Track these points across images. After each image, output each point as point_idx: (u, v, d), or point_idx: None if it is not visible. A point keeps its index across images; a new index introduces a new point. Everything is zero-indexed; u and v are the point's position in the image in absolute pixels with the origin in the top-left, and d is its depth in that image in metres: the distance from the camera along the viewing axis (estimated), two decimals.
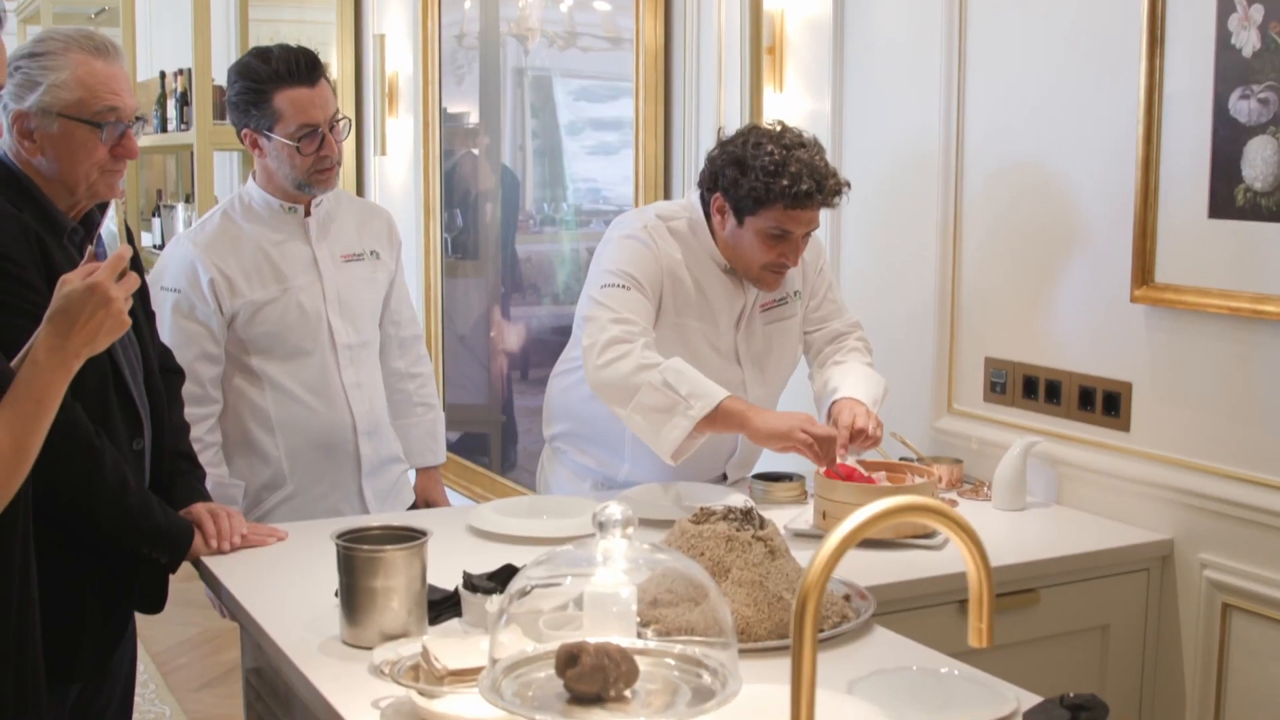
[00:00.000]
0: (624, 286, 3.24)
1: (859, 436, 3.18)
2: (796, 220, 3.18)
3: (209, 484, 3.19)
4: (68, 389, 2.14)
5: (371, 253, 3.65)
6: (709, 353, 3.33)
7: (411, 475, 3.89)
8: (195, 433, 3.32)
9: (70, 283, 2.05)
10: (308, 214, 3.52)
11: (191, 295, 3.40)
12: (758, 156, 3.15)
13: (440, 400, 4.04)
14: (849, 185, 3.23)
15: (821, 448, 3.09)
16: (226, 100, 3.49)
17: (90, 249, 2.21)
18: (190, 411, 3.29)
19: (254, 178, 3.52)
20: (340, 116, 3.45)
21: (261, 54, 3.40)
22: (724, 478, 3.52)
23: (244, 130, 3.43)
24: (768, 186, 3.13)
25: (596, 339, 3.19)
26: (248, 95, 3.38)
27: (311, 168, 3.41)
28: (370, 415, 3.62)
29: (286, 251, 3.49)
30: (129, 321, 2.14)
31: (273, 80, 3.34)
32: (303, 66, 3.36)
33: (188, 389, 3.28)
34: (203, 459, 3.27)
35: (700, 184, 3.33)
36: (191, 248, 3.44)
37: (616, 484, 3.49)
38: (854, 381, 3.37)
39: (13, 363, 2.06)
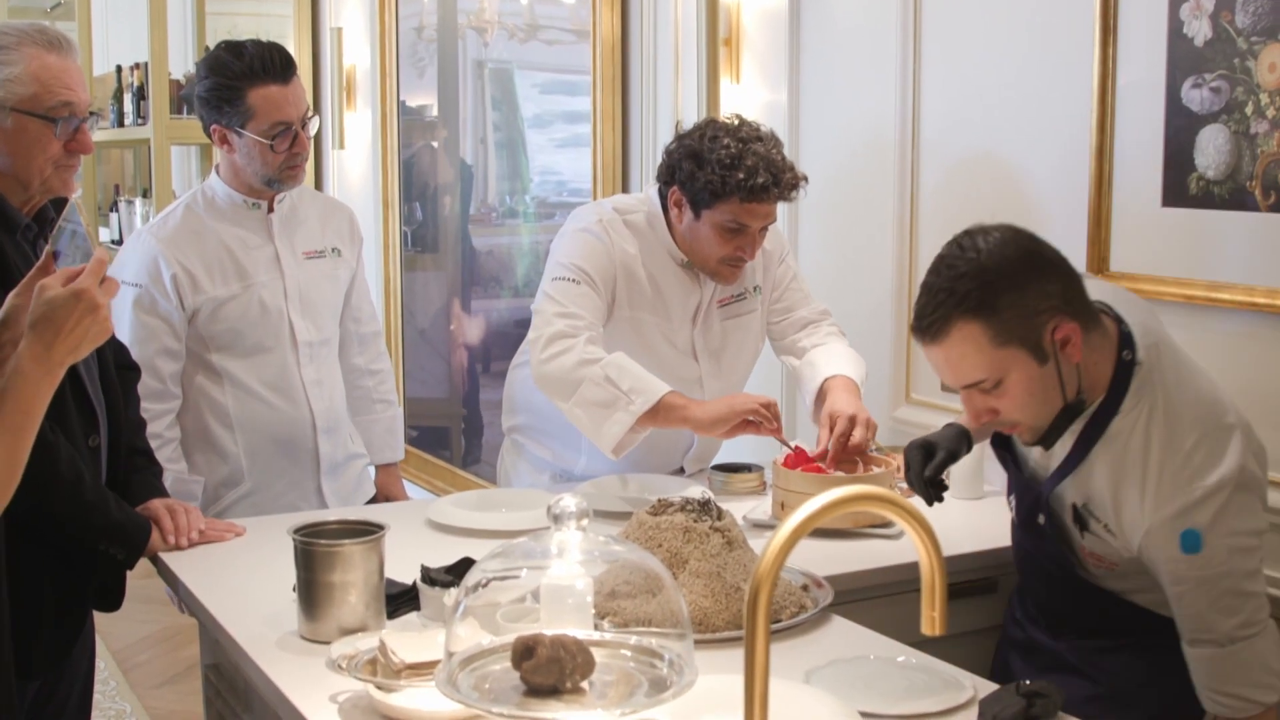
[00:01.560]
0: (574, 280, 3.23)
1: (853, 451, 3.15)
2: (752, 214, 3.17)
3: (168, 480, 3.18)
4: None
5: (333, 249, 3.63)
6: (665, 347, 3.33)
7: (371, 470, 3.89)
8: (154, 428, 3.32)
9: (51, 289, 2.00)
10: (270, 210, 3.50)
11: (153, 290, 3.38)
12: (714, 149, 3.14)
13: (400, 395, 4.04)
14: (806, 179, 3.23)
15: (767, 414, 3.10)
16: (195, 95, 3.44)
17: (48, 249, 2.18)
18: (150, 407, 3.29)
19: (217, 172, 3.50)
20: (311, 114, 3.43)
21: (234, 49, 3.35)
22: (681, 471, 3.53)
23: (213, 126, 3.39)
24: (724, 180, 3.12)
25: (542, 333, 3.19)
26: (220, 91, 3.34)
27: (283, 164, 3.39)
28: (330, 413, 3.61)
29: (249, 248, 3.47)
30: (112, 328, 2.10)
31: (246, 77, 3.31)
32: (277, 64, 3.33)
33: (147, 384, 3.28)
34: (162, 455, 3.27)
35: (658, 178, 3.32)
36: (154, 242, 3.41)
37: (574, 476, 3.49)
38: (840, 362, 3.34)
39: None
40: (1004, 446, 2.66)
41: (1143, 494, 2.36)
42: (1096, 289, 2.49)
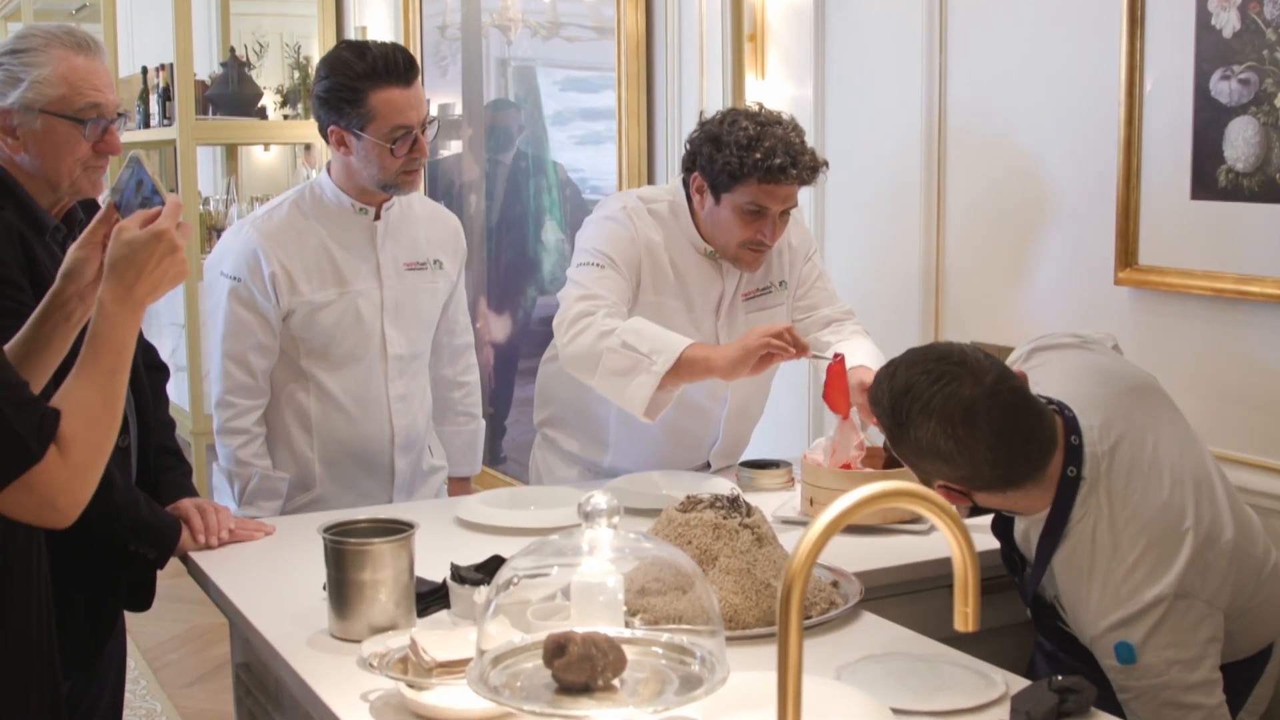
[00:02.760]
0: (598, 265, 3.23)
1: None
2: (772, 195, 3.17)
3: (254, 478, 3.22)
4: (51, 383, 2.15)
5: (435, 261, 3.53)
6: (688, 334, 3.31)
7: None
8: (243, 423, 3.33)
9: (129, 230, 2.06)
10: (377, 217, 3.41)
11: (252, 284, 3.31)
12: (732, 132, 3.15)
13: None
14: (827, 164, 3.23)
15: (789, 338, 3.07)
16: (314, 94, 3.33)
17: (110, 200, 2.22)
18: (238, 401, 3.31)
19: (328, 171, 3.41)
20: (431, 118, 3.34)
21: (357, 49, 3.25)
22: (708, 466, 3.52)
23: (331, 127, 3.28)
24: (742, 161, 3.13)
25: (564, 317, 3.20)
26: (341, 92, 3.23)
27: (401, 168, 3.28)
28: (410, 429, 3.53)
29: (350, 254, 3.39)
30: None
31: (369, 78, 3.20)
32: (400, 65, 3.23)
33: (238, 378, 3.30)
34: (248, 450, 3.30)
35: (682, 166, 3.33)
36: (256, 236, 3.33)
37: (603, 470, 3.50)
38: (864, 355, 3.30)
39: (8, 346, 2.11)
40: (1003, 532, 2.64)
41: (1087, 604, 2.37)
42: (1084, 365, 2.51)
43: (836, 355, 3.15)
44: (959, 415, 2.30)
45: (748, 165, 3.12)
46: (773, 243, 3.27)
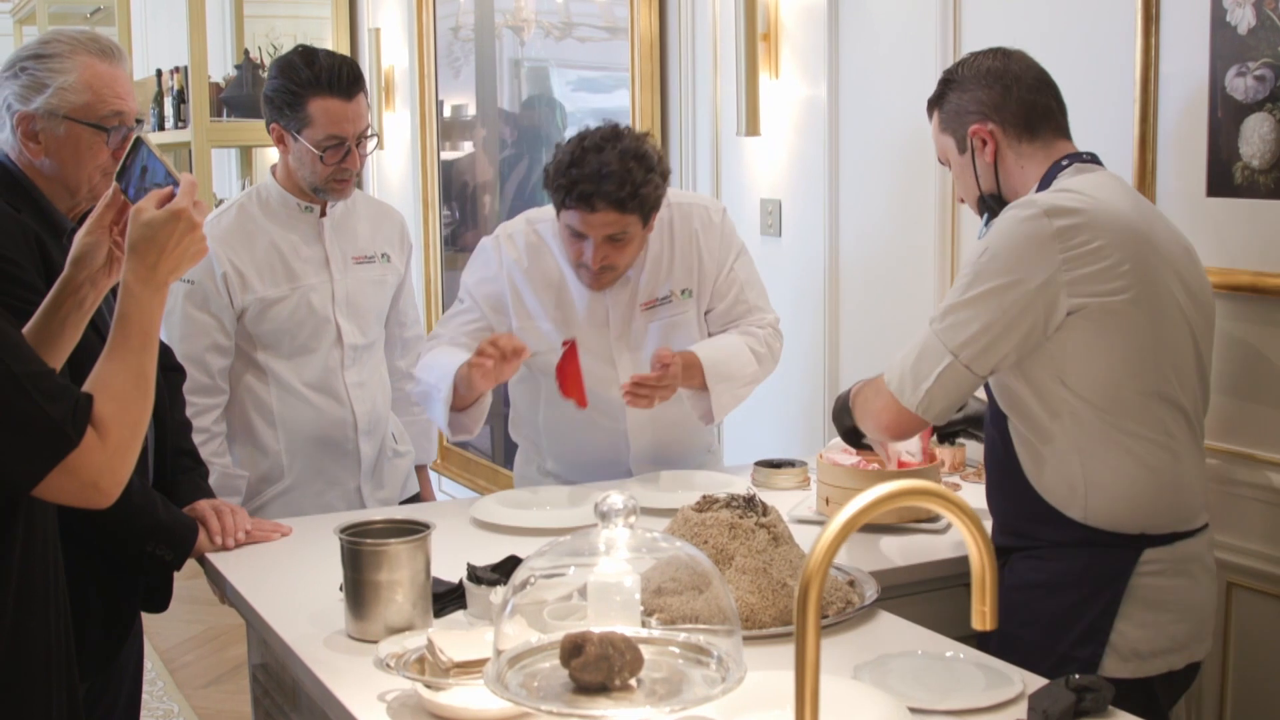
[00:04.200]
0: (460, 300, 3.41)
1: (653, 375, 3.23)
2: (585, 222, 3.16)
3: (213, 475, 3.23)
4: (68, 379, 2.16)
5: (383, 255, 3.69)
6: (581, 353, 3.35)
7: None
8: (202, 422, 3.37)
9: (147, 211, 2.09)
10: (323, 214, 3.55)
11: (205, 286, 3.43)
12: (557, 154, 3.17)
13: None
14: (659, 194, 3.20)
15: (491, 351, 3.11)
16: (262, 92, 3.52)
17: (116, 185, 2.23)
18: (196, 401, 3.35)
19: (274, 173, 3.55)
20: (370, 133, 3.47)
21: (307, 56, 3.40)
22: (629, 472, 3.51)
23: (273, 124, 3.44)
24: (556, 184, 3.15)
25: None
26: (284, 94, 3.39)
27: (330, 176, 3.43)
28: (371, 414, 3.65)
29: (300, 250, 3.52)
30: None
31: (311, 86, 3.35)
32: (343, 79, 3.37)
33: (196, 379, 3.34)
34: (208, 449, 3.33)
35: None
36: (207, 240, 3.43)
37: (550, 475, 3.57)
38: (708, 344, 3.40)
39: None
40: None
41: None
42: (1094, 184, 2.58)
43: (566, 341, 3.22)
44: (991, 54, 2.72)
45: (560, 189, 3.14)
46: (595, 266, 3.23)
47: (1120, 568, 2.50)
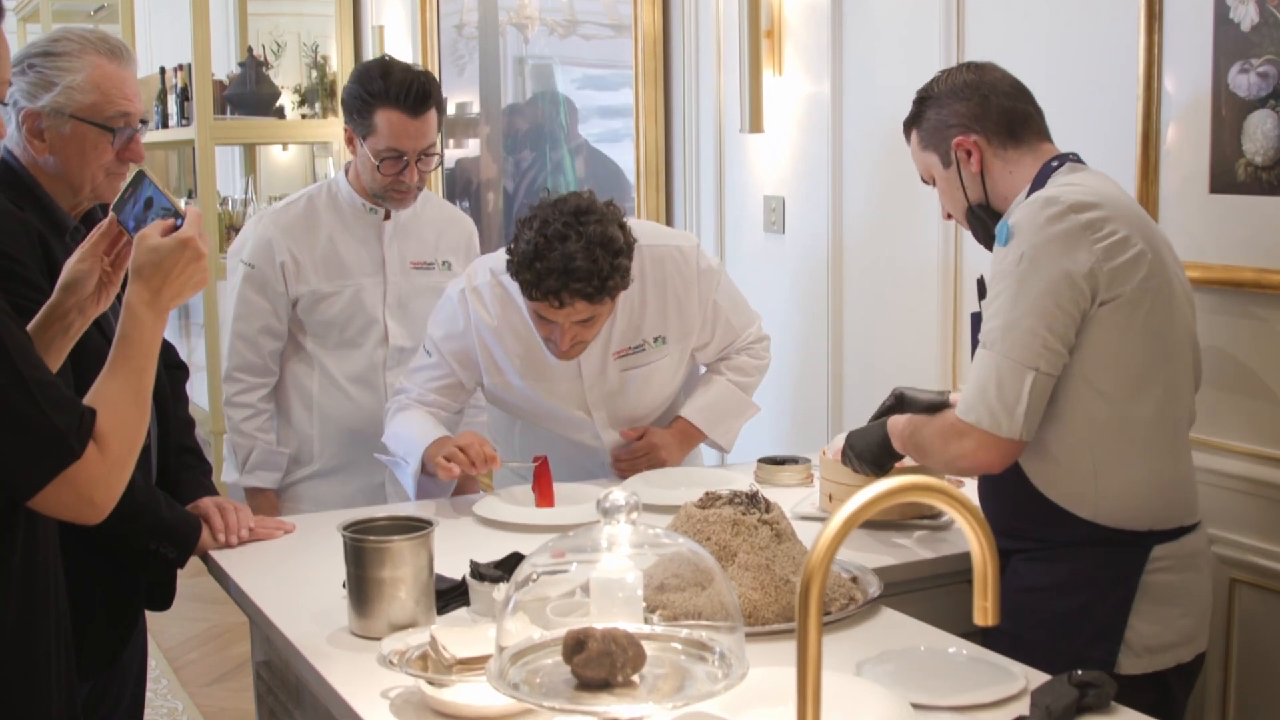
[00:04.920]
0: (428, 353, 3.40)
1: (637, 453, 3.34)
2: (554, 314, 3.08)
3: (256, 451, 3.47)
4: (72, 382, 2.17)
5: (444, 263, 3.76)
6: (549, 403, 3.37)
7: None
8: (248, 399, 3.58)
9: (152, 238, 2.11)
10: (387, 217, 3.64)
11: (265, 272, 3.56)
12: (521, 238, 3.06)
13: None
14: (628, 269, 3.08)
15: (463, 459, 3.12)
16: (341, 94, 3.67)
17: (112, 215, 2.24)
18: (246, 379, 3.57)
19: (346, 171, 3.65)
20: (434, 151, 3.54)
21: (384, 68, 3.50)
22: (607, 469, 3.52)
23: (346, 126, 3.57)
24: (519, 276, 3.05)
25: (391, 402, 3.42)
26: (356, 100, 3.49)
27: (389, 186, 3.53)
28: None
29: (356, 249, 3.62)
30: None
31: (381, 97, 3.44)
32: (413, 96, 3.44)
33: (246, 358, 3.55)
34: (253, 424, 3.56)
35: None
36: (272, 228, 3.59)
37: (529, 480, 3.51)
38: (693, 404, 3.48)
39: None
40: None
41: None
42: (1091, 179, 2.59)
43: (536, 458, 3.21)
44: (964, 68, 2.76)
45: (526, 283, 3.04)
46: (565, 347, 3.16)
47: (1131, 565, 2.50)
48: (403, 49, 6.76)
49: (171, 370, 2.98)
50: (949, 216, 2.81)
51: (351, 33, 7.48)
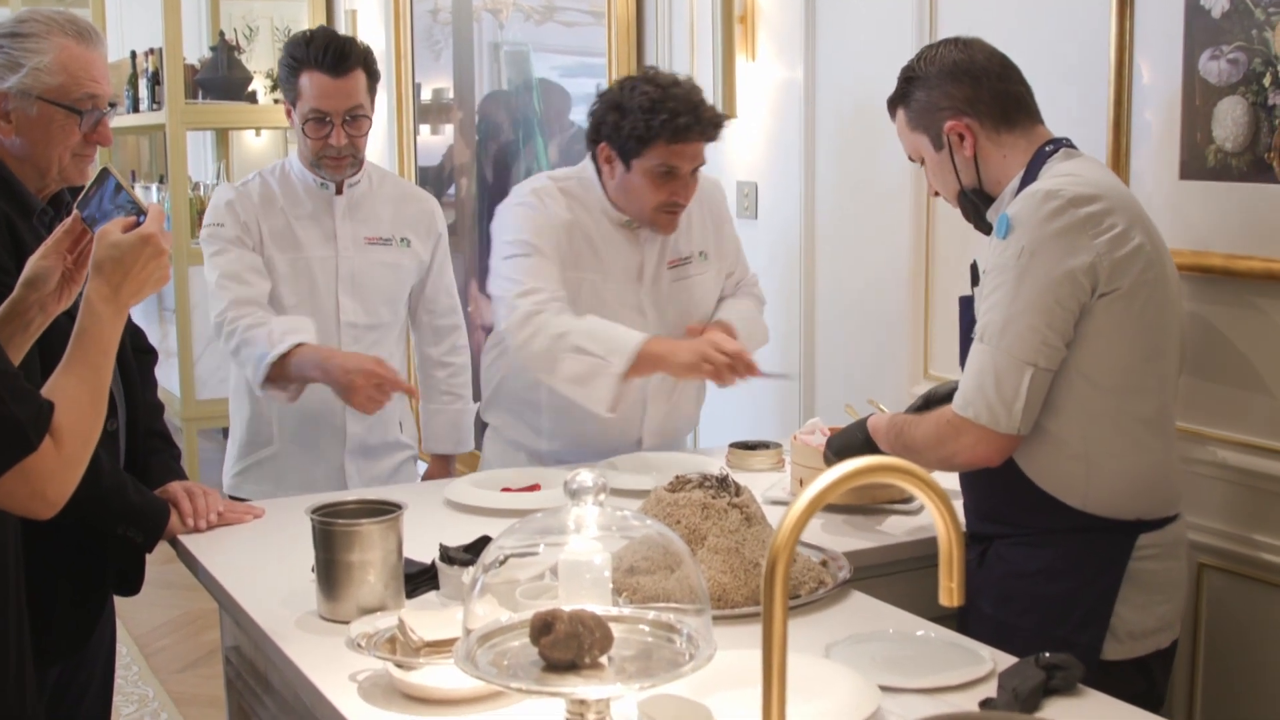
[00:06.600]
0: (525, 255, 3.29)
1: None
2: (681, 155, 3.22)
3: (276, 324, 3.40)
4: (38, 367, 2.15)
5: (402, 239, 3.72)
6: (612, 305, 3.37)
7: (421, 465, 3.93)
8: (250, 312, 3.46)
9: (113, 234, 2.10)
10: (339, 192, 3.63)
11: (236, 227, 3.54)
12: (634, 97, 3.20)
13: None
14: (730, 118, 3.33)
15: (733, 366, 3.18)
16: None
17: (76, 212, 2.22)
18: (248, 309, 3.45)
19: (299, 150, 3.66)
20: (362, 113, 3.53)
21: (309, 34, 3.57)
22: (640, 443, 3.51)
23: (282, 100, 3.61)
24: (648, 124, 3.17)
25: (511, 318, 3.24)
26: (284, 69, 3.55)
27: (319, 152, 3.53)
28: None
29: (308, 224, 3.61)
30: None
31: (304, 61, 3.47)
32: (330, 55, 3.46)
33: (238, 291, 3.46)
34: (258, 322, 3.44)
35: (587, 138, 3.37)
36: (232, 193, 3.61)
37: (544, 457, 3.53)
38: (731, 313, 3.50)
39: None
40: None
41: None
42: (1088, 168, 2.59)
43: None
44: (954, 47, 2.70)
45: (654, 128, 3.17)
46: (686, 201, 3.31)
47: (1118, 553, 2.51)
48: (376, 33, 6.74)
49: (140, 355, 2.97)
50: (936, 194, 2.81)
51: (324, 17, 7.45)
